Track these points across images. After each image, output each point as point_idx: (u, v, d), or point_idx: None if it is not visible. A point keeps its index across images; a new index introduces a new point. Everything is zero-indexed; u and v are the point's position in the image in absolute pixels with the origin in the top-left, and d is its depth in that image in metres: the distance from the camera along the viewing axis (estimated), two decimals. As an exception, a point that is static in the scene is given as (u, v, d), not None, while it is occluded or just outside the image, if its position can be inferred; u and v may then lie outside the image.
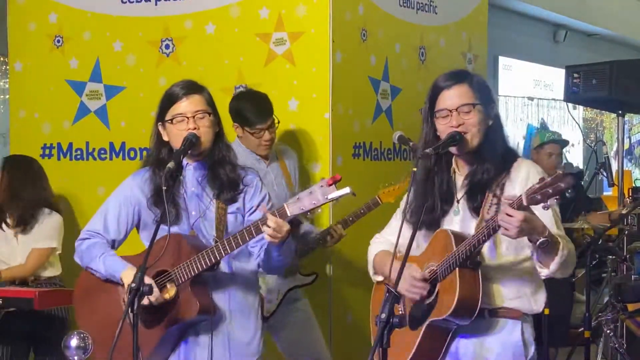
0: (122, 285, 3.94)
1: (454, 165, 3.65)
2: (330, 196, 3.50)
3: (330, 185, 3.50)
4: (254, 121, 5.00)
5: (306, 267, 5.22)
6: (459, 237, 3.49)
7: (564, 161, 7.39)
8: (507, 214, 3.23)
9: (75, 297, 4.17)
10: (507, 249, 3.55)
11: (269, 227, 3.60)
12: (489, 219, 3.37)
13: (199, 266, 3.76)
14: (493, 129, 3.59)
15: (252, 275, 4.04)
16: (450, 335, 3.59)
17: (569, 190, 3.23)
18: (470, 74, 3.69)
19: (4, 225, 5.62)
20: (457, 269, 3.44)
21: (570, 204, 6.58)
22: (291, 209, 3.58)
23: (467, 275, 3.46)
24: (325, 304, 5.51)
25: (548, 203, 3.18)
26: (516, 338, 3.58)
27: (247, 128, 5.00)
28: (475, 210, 3.53)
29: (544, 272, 3.44)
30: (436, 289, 3.53)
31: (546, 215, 3.39)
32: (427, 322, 3.54)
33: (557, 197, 3.17)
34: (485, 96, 3.59)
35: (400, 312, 3.64)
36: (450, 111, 3.52)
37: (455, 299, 3.43)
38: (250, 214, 3.95)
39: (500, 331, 3.57)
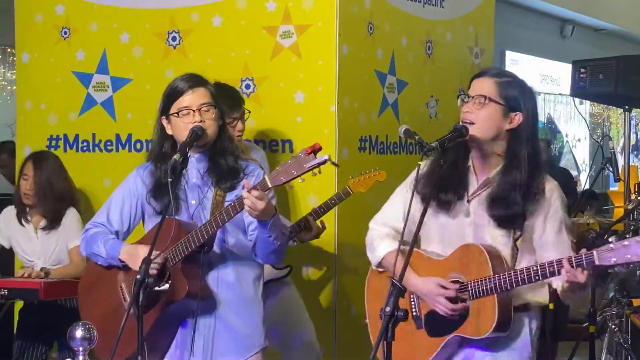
0: (122, 269, 3.96)
1: (470, 163, 3.63)
2: (308, 165, 3.47)
3: (310, 154, 3.49)
4: (227, 111, 4.99)
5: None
6: (495, 261, 3.47)
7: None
8: (574, 273, 3.27)
9: (80, 290, 4.21)
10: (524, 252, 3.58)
11: (246, 198, 3.60)
12: (549, 264, 3.35)
13: (188, 247, 3.78)
14: (517, 135, 3.53)
15: (252, 266, 4.04)
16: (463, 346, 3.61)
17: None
18: (503, 72, 3.68)
19: (24, 222, 5.62)
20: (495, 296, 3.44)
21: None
22: (272, 180, 3.58)
23: (504, 298, 3.46)
24: (329, 296, 5.51)
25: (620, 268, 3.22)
26: (526, 330, 3.61)
27: None
28: (498, 220, 3.51)
29: (568, 301, 3.55)
30: (467, 303, 3.52)
31: (559, 235, 3.51)
32: (452, 335, 3.53)
33: (633, 264, 3.18)
34: (510, 98, 3.53)
35: (414, 313, 3.63)
36: (472, 97, 3.53)
37: (494, 324, 3.44)
38: None
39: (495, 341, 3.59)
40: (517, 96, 3.54)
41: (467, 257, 3.53)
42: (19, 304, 5.68)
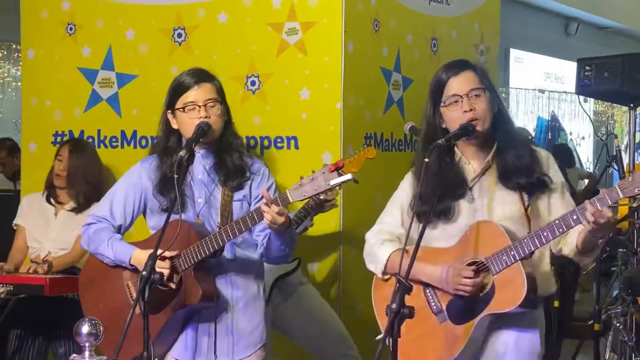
0: (130, 269, 3.97)
1: (459, 154, 3.64)
2: (332, 182, 3.50)
3: (333, 171, 3.50)
4: None
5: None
6: (510, 231, 3.49)
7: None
8: (600, 210, 3.23)
9: (81, 285, 4.20)
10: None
11: (266, 212, 3.62)
12: (570, 213, 3.36)
13: (202, 252, 3.79)
14: (501, 116, 3.64)
15: (257, 264, 4.05)
16: (488, 329, 3.59)
17: None
18: (472, 62, 3.74)
19: (47, 205, 5.63)
20: (519, 262, 3.42)
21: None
22: (293, 195, 3.59)
23: (527, 266, 3.45)
24: (334, 295, 5.51)
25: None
26: (534, 328, 3.62)
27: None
28: (509, 188, 3.54)
29: (586, 260, 3.54)
30: (491, 283, 3.50)
31: (570, 204, 3.50)
32: (481, 315, 3.50)
33: None
34: (489, 83, 3.65)
35: (434, 307, 3.62)
36: (461, 96, 3.55)
37: (524, 292, 3.41)
38: (257, 202, 3.96)
39: (523, 322, 3.60)
40: (489, 78, 3.67)
41: (479, 235, 3.52)
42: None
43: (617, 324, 5.74)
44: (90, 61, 6.13)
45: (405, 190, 3.78)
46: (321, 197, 4.90)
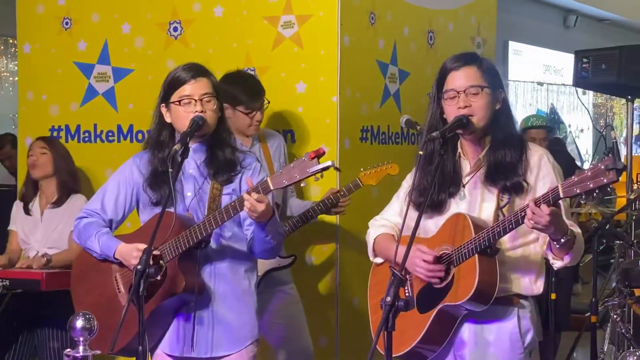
0: (117, 263, 3.97)
1: (459, 149, 3.65)
2: (312, 170, 3.49)
3: (313, 158, 3.49)
4: (248, 101, 4.99)
5: (286, 249, 5.16)
6: (478, 223, 3.48)
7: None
8: (538, 207, 3.21)
9: (72, 278, 4.20)
10: (517, 235, 3.55)
11: (246, 199, 3.61)
12: (520, 210, 3.34)
13: (186, 243, 3.78)
14: (502, 114, 3.60)
15: (247, 259, 4.04)
16: (457, 322, 3.59)
17: (610, 187, 3.15)
18: (480, 57, 3.71)
19: (31, 204, 5.64)
20: (476, 255, 3.42)
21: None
22: (274, 182, 3.59)
23: (486, 262, 3.44)
24: (331, 288, 5.51)
25: (584, 198, 3.15)
26: (513, 324, 3.58)
27: (241, 108, 4.98)
28: (493, 187, 3.52)
29: (557, 264, 3.46)
30: (451, 274, 3.52)
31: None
32: (439, 307, 3.53)
33: (597, 192, 3.11)
34: (493, 80, 3.60)
35: (407, 295, 3.64)
36: (458, 92, 3.53)
37: (475, 286, 3.41)
38: None
39: (500, 317, 3.58)
40: (496, 76, 3.62)
41: (453, 227, 3.54)
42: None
43: (615, 316, 5.75)
44: (86, 55, 6.13)
45: (407, 182, 3.80)
46: (328, 202, 5.03)
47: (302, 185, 3.59)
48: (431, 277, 3.52)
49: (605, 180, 3.06)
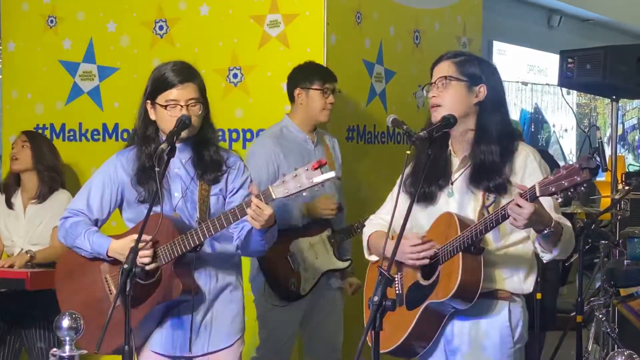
0: (108, 262, 3.95)
1: (450, 147, 3.66)
2: (315, 180, 3.52)
3: (315, 169, 3.51)
4: (323, 78, 5.03)
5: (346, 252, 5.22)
6: (464, 222, 3.50)
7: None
8: (518, 205, 3.23)
9: (57, 278, 4.16)
10: (507, 233, 3.57)
11: (251, 209, 3.61)
12: (501, 208, 3.37)
13: (182, 247, 3.77)
14: (484, 109, 3.61)
15: (233, 256, 4.05)
16: (446, 318, 3.61)
17: (584, 185, 3.17)
18: (458, 52, 3.77)
19: (14, 197, 5.60)
20: (460, 253, 3.45)
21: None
22: (276, 192, 3.59)
23: (470, 260, 3.46)
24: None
25: (560, 196, 3.16)
26: (504, 319, 3.61)
27: (316, 85, 5.03)
28: (477, 189, 3.54)
29: (546, 257, 3.48)
30: (437, 271, 3.54)
31: (546, 201, 3.39)
32: (424, 304, 3.55)
33: (572, 190, 3.14)
34: (470, 74, 3.62)
35: (397, 292, 3.66)
36: (432, 84, 3.64)
37: (457, 283, 3.44)
38: (232, 196, 3.97)
39: (491, 313, 3.60)
40: (475, 70, 3.64)
41: (441, 225, 3.57)
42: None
43: (600, 316, 5.75)
44: (71, 54, 6.11)
45: (399, 182, 3.82)
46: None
47: (303, 195, 3.59)
48: (422, 258, 3.54)
49: (578, 179, 3.11)
